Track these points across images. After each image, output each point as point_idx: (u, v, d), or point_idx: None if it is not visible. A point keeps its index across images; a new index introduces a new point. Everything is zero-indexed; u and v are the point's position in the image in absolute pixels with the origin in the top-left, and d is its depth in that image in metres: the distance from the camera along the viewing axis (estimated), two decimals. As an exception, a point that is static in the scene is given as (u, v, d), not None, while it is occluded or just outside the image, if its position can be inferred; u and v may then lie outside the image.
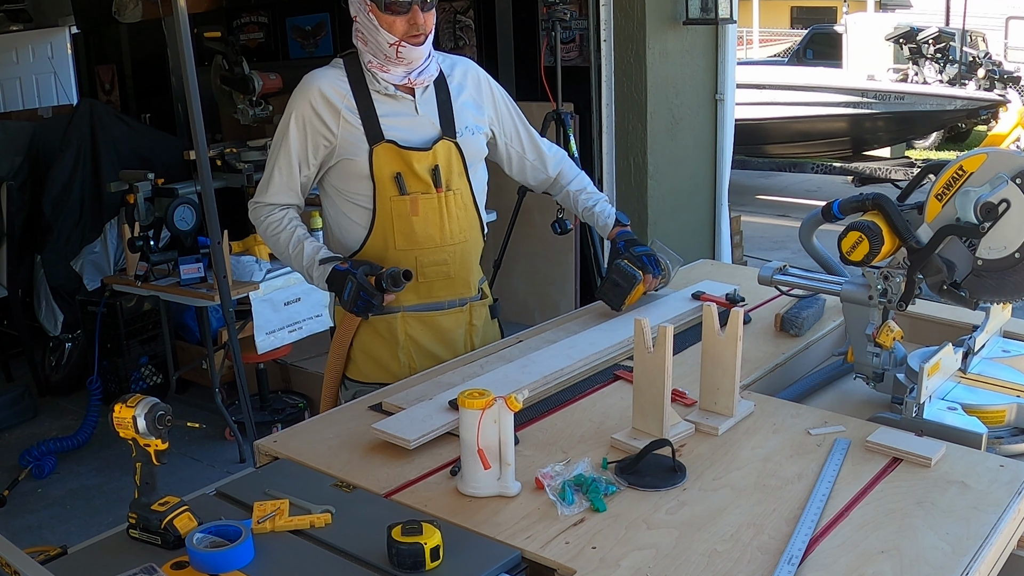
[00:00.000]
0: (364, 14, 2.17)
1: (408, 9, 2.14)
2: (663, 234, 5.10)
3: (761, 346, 2.21)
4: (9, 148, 5.02)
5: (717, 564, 1.38)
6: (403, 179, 2.21)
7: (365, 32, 2.19)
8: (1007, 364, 2.01)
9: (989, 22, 14.07)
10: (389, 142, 2.20)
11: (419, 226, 2.23)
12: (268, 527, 1.48)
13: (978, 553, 1.38)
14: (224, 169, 5.17)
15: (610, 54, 4.91)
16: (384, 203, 2.21)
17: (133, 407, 1.46)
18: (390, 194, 2.21)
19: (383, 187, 2.21)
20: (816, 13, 20.41)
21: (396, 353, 2.28)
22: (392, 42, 2.16)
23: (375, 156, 2.19)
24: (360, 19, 2.19)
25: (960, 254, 1.82)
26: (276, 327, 4.23)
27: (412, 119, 2.24)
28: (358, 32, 2.22)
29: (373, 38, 2.18)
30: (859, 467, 1.63)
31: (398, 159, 2.20)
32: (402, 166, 2.21)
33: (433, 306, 2.30)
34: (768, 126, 10.72)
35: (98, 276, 4.92)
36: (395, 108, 2.23)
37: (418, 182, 2.22)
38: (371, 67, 2.21)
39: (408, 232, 2.23)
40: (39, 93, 8.46)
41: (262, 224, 2.32)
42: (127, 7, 7.46)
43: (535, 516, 1.51)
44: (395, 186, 2.20)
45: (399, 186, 2.21)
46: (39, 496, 4.01)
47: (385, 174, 2.20)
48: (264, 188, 2.29)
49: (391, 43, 2.16)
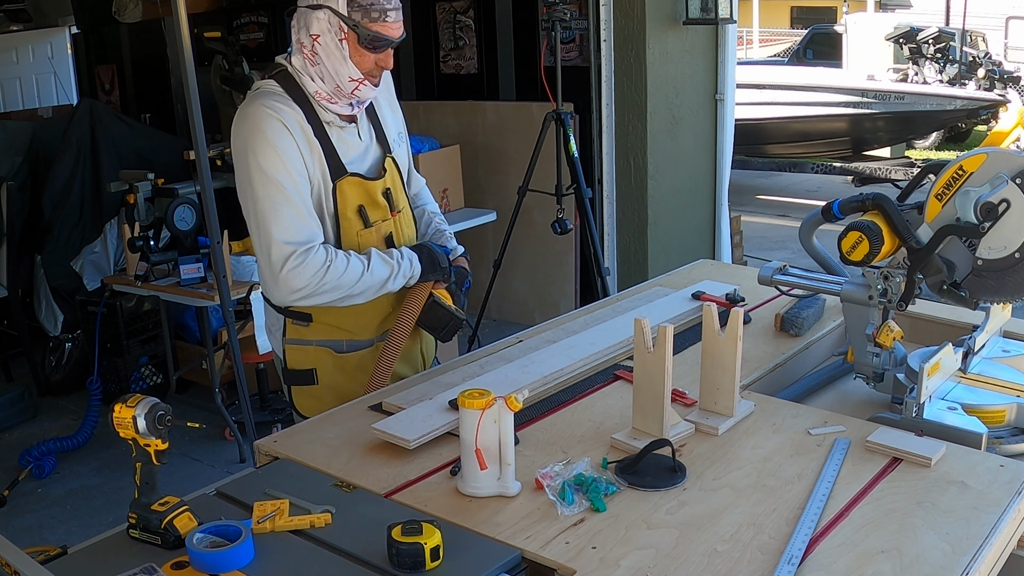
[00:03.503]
0: (333, 40, 1.96)
1: (385, 47, 2.00)
2: (663, 234, 5.11)
3: (761, 346, 2.21)
4: (9, 148, 5.02)
5: (717, 564, 1.38)
6: (366, 211, 2.09)
7: (324, 57, 1.97)
8: (1007, 364, 2.01)
9: (989, 22, 14.06)
10: (353, 175, 2.06)
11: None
12: (268, 527, 1.48)
13: (978, 553, 1.38)
14: (224, 169, 5.16)
15: (610, 54, 4.91)
16: (350, 238, 2.08)
17: (133, 407, 1.46)
18: (356, 228, 2.08)
19: (348, 223, 2.07)
20: (816, 13, 20.39)
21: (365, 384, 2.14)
22: (356, 78, 1.99)
23: (339, 192, 2.04)
24: (323, 41, 1.96)
25: (960, 254, 1.82)
26: (276, 327, 4.22)
27: (359, 145, 2.11)
28: (312, 54, 1.99)
29: (332, 67, 1.98)
30: (859, 467, 1.63)
31: (361, 191, 2.07)
32: (364, 197, 2.08)
33: None
34: (768, 126, 10.71)
35: (98, 276, 4.92)
36: (343, 137, 2.08)
37: (377, 210, 2.12)
38: (317, 96, 2.02)
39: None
40: (39, 93, 8.45)
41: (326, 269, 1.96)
42: (127, 7, 7.46)
43: (535, 516, 1.51)
44: (360, 220, 2.08)
45: (363, 219, 2.09)
46: (39, 496, 4.01)
47: (350, 209, 2.06)
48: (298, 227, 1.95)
49: (353, 79, 1.99)
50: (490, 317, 5.52)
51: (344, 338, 2.16)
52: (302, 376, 2.18)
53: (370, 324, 2.17)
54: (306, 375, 2.17)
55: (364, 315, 2.15)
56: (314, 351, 2.16)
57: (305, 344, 2.15)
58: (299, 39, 2.01)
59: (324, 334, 2.15)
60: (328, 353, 2.16)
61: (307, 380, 2.18)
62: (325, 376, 2.17)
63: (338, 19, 1.95)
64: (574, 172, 4.41)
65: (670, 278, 2.78)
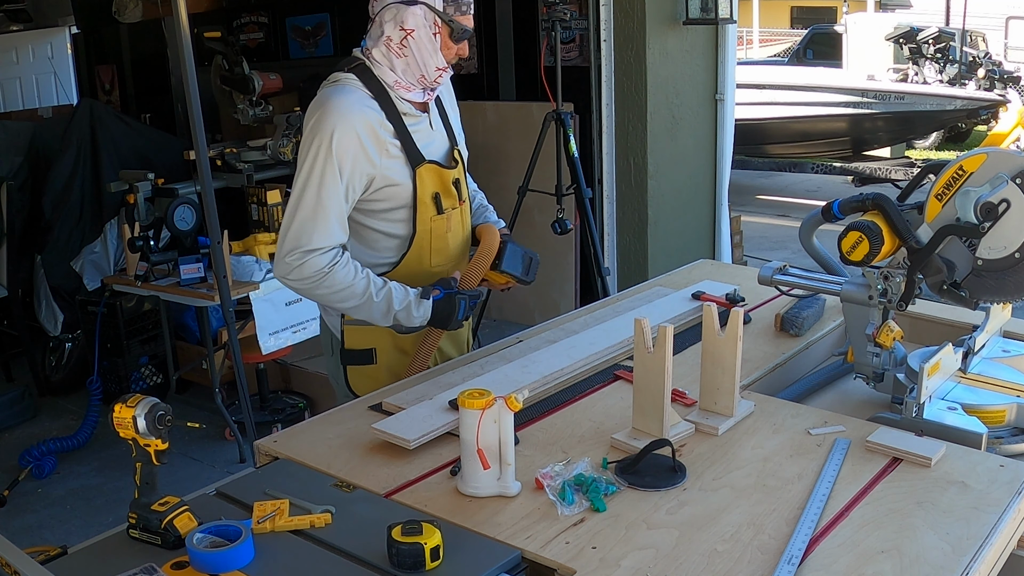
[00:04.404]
0: (427, 33, 2.06)
1: (466, 38, 2.12)
2: (663, 234, 5.11)
3: (761, 346, 2.21)
4: (9, 148, 5.02)
5: (717, 564, 1.38)
6: (440, 198, 2.18)
7: (415, 50, 2.07)
8: (1007, 364, 2.02)
9: (989, 22, 14.06)
10: (431, 162, 2.15)
11: (451, 241, 2.23)
12: (268, 527, 1.48)
13: (978, 553, 1.38)
14: (224, 169, 5.17)
15: (610, 54, 4.91)
16: (424, 224, 2.16)
17: (133, 407, 1.46)
18: (430, 214, 2.16)
19: (424, 208, 2.15)
20: (816, 13, 20.39)
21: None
22: (442, 67, 2.11)
23: (419, 179, 2.13)
24: (417, 35, 2.06)
25: (960, 254, 1.82)
26: (279, 327, 4.23)
27: (431, 135, 2.20)
28: (400, 46, 2.08)
29: (422, 59, 2.08)
30: (859, 467, 1.63)
31: (437, 178, 2.17)
32: (439, 185, 2.17)
33: None
34: (768, 126, 10.72)
35: (98, 276, 4.91)
36: (418, 126, 2.16)
37: (448, 198, 2.20)
38: (396, 87, 2.11)
39: (443, 248, 2.21)
40: (39, 93, 8.45)
41: (325, 276, 2.03)
42: (127, 7, 7.46)
43: (535, 516, 1.51)
44: (434, 206, 2.17)
45: (437, 206, 2.17)
46: (39, 496, 4.01)
47: (427, 195, 2.15)
48: (310, 231, 2.02)
49: (440, 67, 2.11)
50: (490, 317, 5.52)
51: None
52: (361, 356, 2.24)
53: None
54: (365, 355, 2.23)
55: None
56: (373, 331, 2.20)
57: (366, 324, 2.19)
58: (386, 33, 2.08)
59: None
60: (388, 333, 2.20)
61: (366, 360, 2.24)
62: (383, 355, 2.23)
63: (433, 14, 2.06)
64: (574, 172, 4.41)
65: (670, 278, 2.78)
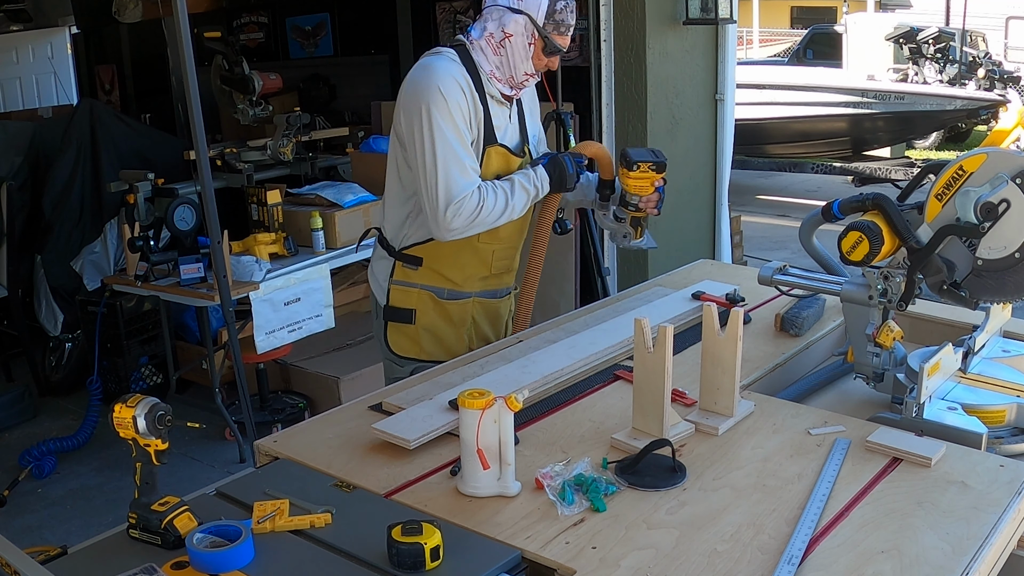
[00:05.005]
0: (523, 41, 2.24)
1: (557, 54, 2.29)
2: (663, 234, 5.09)
3: (761, 346, 2.21)
4: (9, 148, 5.02)
5: (717, 564, 1.38)
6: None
7: (509, 52, 2.26)
8: (1007, 364, 2.02)
9: (989, 22, 14.06)
10: (501, 145, 2.31)
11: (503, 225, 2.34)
12: (268, 527, 1.48)
13: (978, 553, 1.38)
14: (224, 169, 5.17)
15: (610, 54, 4.91)
16: None
17: (133, 407, 1.46)
18: None
19: None
20: (816, 13, 20.38)
21: (461, 335, 2.46)
22: (530, 73, 2.30)
23: (487, 157, 2.29)
24: (514, 41, 2.25)
25: (960, 254, 1.82)
26: (276, 327, 4.22)
27: (508, 125, 2.38)
28: (499, 45, 2.26)
29: (513, 62, 2.27)
30: (859, 467, 1.63)
31: (503, 162, 2.33)
32: (503, 168, 2.34)
33: (494, 293, 2.51)
34: (768, 126, 10.72)
35: (98, 276, 4.91)
36: (498, 113, 2.34)
37: None
38: (491, 75, 2.29)
39: (493, 229, 2.33)
40: (39, 93, 8.45)
41: (479, 214, 2.23)
42: (127, 7, 7.45)
43: (535, 516, 1.51)
44: None
45: None
46: (39, 496, 4.01)
47: (490, 173, 2.31)
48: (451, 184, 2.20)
49: (528, 73, 2.29)
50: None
51: (447, 287, 2.42)
52: (402, 314, 2.43)
53: (472, 278, 2.43)
54: (406, 313, 2.42)
55: (468, 268, 2.41)
56: (417, 293, 2.41)
57: (410, 286, 2.41)
58: (490, 29, 2.28)
59: (430, 279, 2.40)
60: (431, 297, 2.41)
61: (406, 319, 2.43)
62: (424, 317, 2.42)
63: (533, 26, 2.24)
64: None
65: (670, 278, 2.78)
